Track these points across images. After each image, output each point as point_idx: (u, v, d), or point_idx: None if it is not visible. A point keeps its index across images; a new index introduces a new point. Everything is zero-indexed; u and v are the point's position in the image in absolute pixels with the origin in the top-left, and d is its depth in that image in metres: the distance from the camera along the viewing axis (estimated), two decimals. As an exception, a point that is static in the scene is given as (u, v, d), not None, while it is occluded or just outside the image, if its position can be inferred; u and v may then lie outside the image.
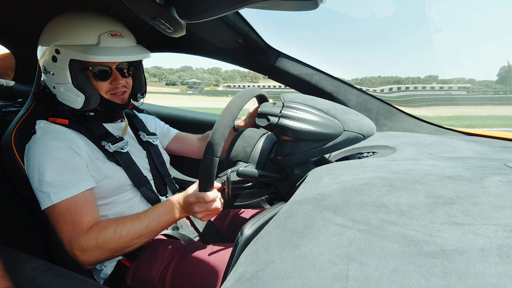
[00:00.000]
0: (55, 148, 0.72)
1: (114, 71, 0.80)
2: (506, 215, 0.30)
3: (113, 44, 0.76)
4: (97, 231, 0.68)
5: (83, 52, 0.72)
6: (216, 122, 0.60)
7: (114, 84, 0.81)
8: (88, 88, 0.76)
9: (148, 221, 0.70)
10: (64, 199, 0.69)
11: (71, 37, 0.75)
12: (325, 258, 0.29)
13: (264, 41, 1.10)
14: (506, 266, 0.23)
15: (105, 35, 0.76)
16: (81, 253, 0.67)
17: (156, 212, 0.71)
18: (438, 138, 0.79)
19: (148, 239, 0.71)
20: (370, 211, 0.34)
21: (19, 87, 1.55)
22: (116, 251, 0.69)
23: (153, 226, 0.70)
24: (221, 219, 1.00)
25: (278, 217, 0.39)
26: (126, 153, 0.84)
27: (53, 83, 0.78)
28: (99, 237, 0.67)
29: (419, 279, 0.24)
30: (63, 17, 0.78)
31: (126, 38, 0.80)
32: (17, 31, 1.18)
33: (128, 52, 0.78)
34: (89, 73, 0.78)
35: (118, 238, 0.67)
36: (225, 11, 0.38)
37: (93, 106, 0.79)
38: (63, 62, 0.74)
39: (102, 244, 0.67)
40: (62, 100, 0.79)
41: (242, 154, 0.69)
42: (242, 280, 0.30)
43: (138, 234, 0.69)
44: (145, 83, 0.91)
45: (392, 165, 0.48)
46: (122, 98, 0.84)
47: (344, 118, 0.61)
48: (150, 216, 0.71)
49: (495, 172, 0.41)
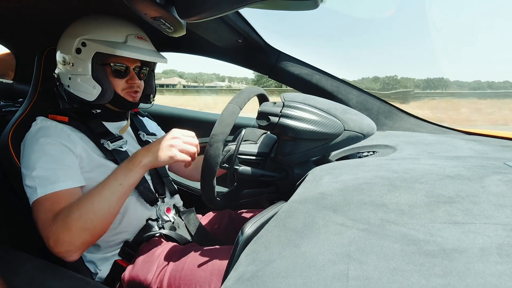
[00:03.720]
0: (46, 145, 0.72)
1: (131, 71, 0.84)
2: (506, 214, 0.30)
3: (139, 45, 0.82)
4: (63, 212, 0.64)
5: (111, 47, 0.76)
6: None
7: (130, 83, 0.84)
8: (105, 82, 0.79)
9: (104, 183, 0.67)
10: (49, 193, 0.66)
11: (100, 33, 0.79)
12: (325, 257, 0.29)
13: (264, 40, 1.10)
14: (506, 265, 0.23)
15: (132, 36, 0.81)
16: (53, 241, 0.62)
17: (113, 171, 0.69)
18: (439, 137, 0.79)
19: (113, 204, 0.66)
20: (370, 210, 0.34)
21: (19, 87, 1.55)
22: (84, 228, 0.63)
23: (111, 186, 0.66)
24: (218, 219, 1.00)
25: (278, 216, 0.39)
26: (125, 152, 0.84)
27: (69, 74, 0.80)
28: (64, 217, 0.62)
29: (419, 279, 0.24)
30: (93, 16, 0.82)
31: (149, 42, 0.86)
32: (17, 31, 1.18)
33: (150, 54, 0.82)
34: (108, 69, 0.81)
35: (80, 211, 0.63)
36: (225, 11, 0.38)
37: (107, 101, 0.81)
38: (87, 55, 0.77)
39: (68, 224, 0.62)
40: (75, 91, 0.80)
41: (251, 135, 0.72)
42: (243, 279, 0.30)
43: (98, 201, 0.64)
44: (155, 89, 0.96)
45: (392, 164, 0.48)
46: (135, 97, 0.86)
47: (344, 118, 0.61)
48: (108, 177, 0.68)
49: (495, 171, 0.41)
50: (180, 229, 0.90)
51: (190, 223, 0.92)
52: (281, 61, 1.13)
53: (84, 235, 0.63)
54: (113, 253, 0.81)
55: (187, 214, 0.94)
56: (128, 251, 0.80)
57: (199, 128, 1.24)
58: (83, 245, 0.65)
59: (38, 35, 1.19)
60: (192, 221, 0.93)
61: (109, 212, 0.66)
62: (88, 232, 0.64)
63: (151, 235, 0.83)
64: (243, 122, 1.46)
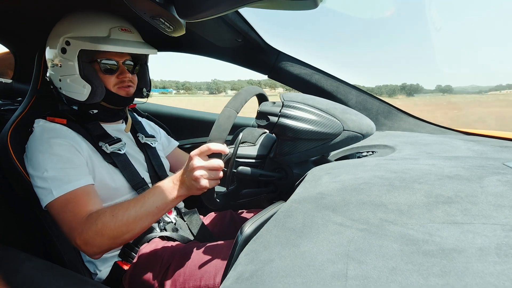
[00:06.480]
0: (56, 146, 0.72)
1: (121, 65, 0.82)
2: (505, 214, 0.30)
3: (123, 37, 0.79)
4: (96, 217, 0.66)
5: (94, 42, 0.74)
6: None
7: (120, 78, 0.82)
8: (95, 80, 0.77)
9: (143, 202, 0.67)
10: (66, 192, 0.68)
11: (82, 29, 0.77)
12: (324, 257, 0.29)
13: (264, 40, 1.10)
14: (504, 265, 0.23)
15: (116, 29, 0.78)
16: (82, 241, 0.65)
17: (152, 191, 0.68)
18: (437, 137, 0.79)
19: (146, 223, 0.67)
20: (369, 210, 0.34)
21: (18, 86, 1.55)
22: (115, 237, 0.66)
23: (148, 206, 0.66)
24: (219, 219, 1.00)
25: (277, 216, 0.39)
26: (123, 155, 0.83)
27: (59, 76, 0.79)
28: (98, 222, 0.65)
29: (418, 278, 0.24)
30: (74, 14, 0.80)
31: (135, 34, 0.83)
32: (17, 31, 1.18)
33: (136, 46, 0.80)
34: (96, 66, 0.79)
35: (115, 222, 0.65)
36: (225, 10, 0.38)
37: (99, 99, 0.79)
38: (72, 54, 0.76)
39: (101, 230, 0.65)
40: (67, 92, 0.79)
41: (250, 137, 0.72)
42: (242, 279, 0.30)
43: (133, 217, 0.66)
44: (150, 82, 0.93)
45: (391, 165, 0.48)
46: (128, 91, 0.84)
47: (343, 118, 0.61)
48: (146, 196, 0.68)
49: (494, 172, 0.41)
50: (182, 230, 0.89)
51: (193, 223, 0.92)
52: (281, 61, 1.13)
53: (113, 243, 0.67)
54: (113, 254, 0.80)
55: (190, 215, 0.94)
56: (129, 252, 0.80)
57: (199, 128, 1.24)
58: (109, 249, 0.69)
59: (37, 34, 1.19)
60: (194, 221, 0.92)
61: (141, 229, 0.68)
62: (118, 241, 0.67)
63: (152, 237, 0.83)
64: (243, 122, 1.46)
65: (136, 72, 0.87)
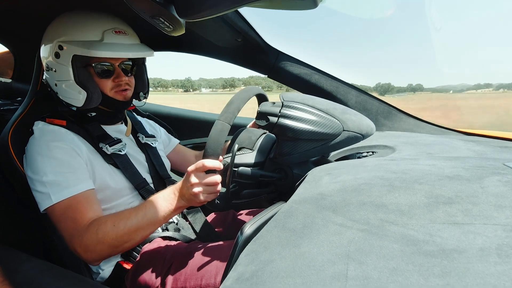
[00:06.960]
0: (55, 149, 0.72)
1: (117, 68, 0.80)
2: (506, 214, 0.30)
3: (117, 40, 0.76)
4: (97, 226, 0.66)
5: (87, 48, 0.72)
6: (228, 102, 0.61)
7: (117, 81, 0.80)
8: (90, 85, 0.76)
9: (144, 212, 0.67)
10: (65, 198, 0.68)
11: (74, 33, 0.74)
12: (325, 257, 0.29)
13: (264, 40, 1.10)
14: (505, 265, 0.23)
15: (109, 31, 0.75)
16: (83, 249, 0.66)
17: (153, 201, 0.69)
18: (437, 138, 0.79)
19: (147, 232, 0.68)
20: (370, 210, 0.34)
21: (18, 86, 1.55)
22: (116, 246, 0.67)
23: (149, 216, 0.67)
24: (221, 220, 1.00)
25: (277, 216, 0.39)
26: (124, 155, 0.83)
27: (55, 81, 0.78)
28: (99, 231, 0.66)
29: (419, 279, 0.24)
30: (67, 15, 0.78)
31: (130, 36, 0.80)
32: (16, 30, 1.17)
33: (131, 49, 0.77)
34: (92, 70, 0.77)
35: (116, 231, 0.66)
36: (225, 10, 0.38)
37: (95, 104, 0.78)
38: (66, 59, 0.74)
39: (102, 239, 0.65)
40: (64, 98, 0.78)
41: (247, 142, 0.71)
42: (242, 279, 0.30)
43: (135, 227, 0.67)
44: (147, 83, 0.91)
45: (391, 165, 0.48)
46: (125, 95, 0.82)
47: (343, 118, 0.61)
48: (147, 206, 0.68)
49: (494, 172, 0.41)
50: (184, 230, 0.89)
51: (196, 222, 0.91)
52: (281, 61, 1.13)
53: (113, 252, 0.68)
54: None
55: (194, 213, 0.94)
56: (131, 252, 0.80)
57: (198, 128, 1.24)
58: (109, 256, 0.69)
59: (37, 34, 1.19)
60: (198, 219, 0.92)
61: (141, 238, 0.69)
62: (118, 250, 0.68)
63: (154, 236, 0.83)
64: (243, 122, 1.46)
65: (133, 73, 0.85)
